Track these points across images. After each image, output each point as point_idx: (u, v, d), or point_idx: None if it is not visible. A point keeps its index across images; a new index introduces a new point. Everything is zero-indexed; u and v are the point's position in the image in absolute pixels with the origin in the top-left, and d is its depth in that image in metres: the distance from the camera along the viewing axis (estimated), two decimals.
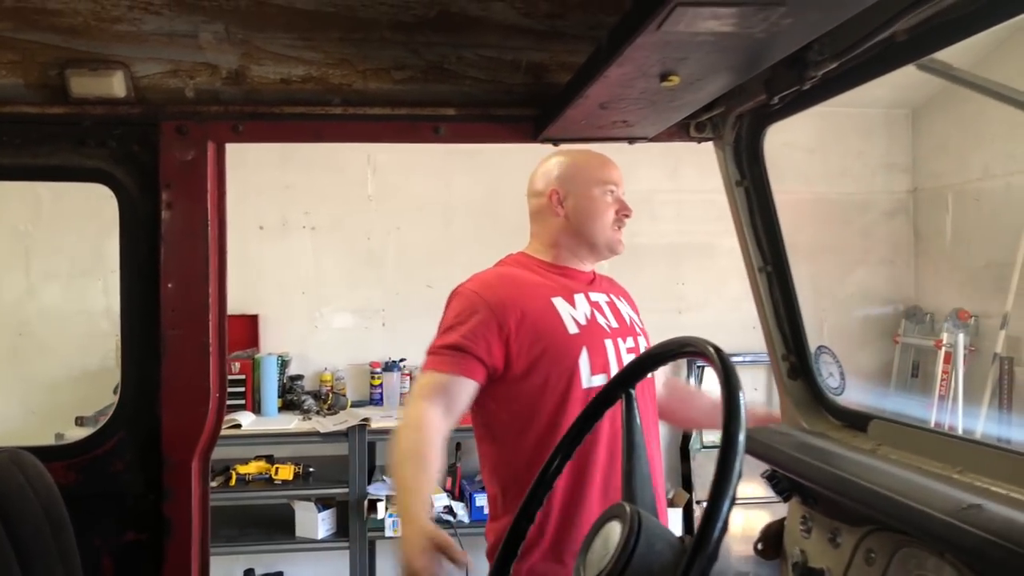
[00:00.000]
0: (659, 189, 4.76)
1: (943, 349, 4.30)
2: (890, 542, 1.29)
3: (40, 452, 1.62)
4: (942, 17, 1.13)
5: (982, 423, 4.02)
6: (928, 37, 1.17)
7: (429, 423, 1.68)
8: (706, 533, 0.94)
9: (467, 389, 1.73)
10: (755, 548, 1.66)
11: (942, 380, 4.29)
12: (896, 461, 1.35)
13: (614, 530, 1.15)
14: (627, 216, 1.93)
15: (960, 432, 3.95)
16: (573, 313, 1.81)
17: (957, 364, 4.21)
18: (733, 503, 0.97)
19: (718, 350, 1.14)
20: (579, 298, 1.86)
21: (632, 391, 1.38)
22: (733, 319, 3.90)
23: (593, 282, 1.96)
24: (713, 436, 4.72)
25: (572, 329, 1.79)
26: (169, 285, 1.69)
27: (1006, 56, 3.78)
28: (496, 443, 1.84)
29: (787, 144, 4.74)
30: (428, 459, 1.64)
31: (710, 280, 4.68)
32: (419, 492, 1.64)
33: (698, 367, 4.73)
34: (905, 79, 4.40)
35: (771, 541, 1.64)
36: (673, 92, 1.33)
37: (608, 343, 1.82)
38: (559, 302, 1.82)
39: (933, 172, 4.76)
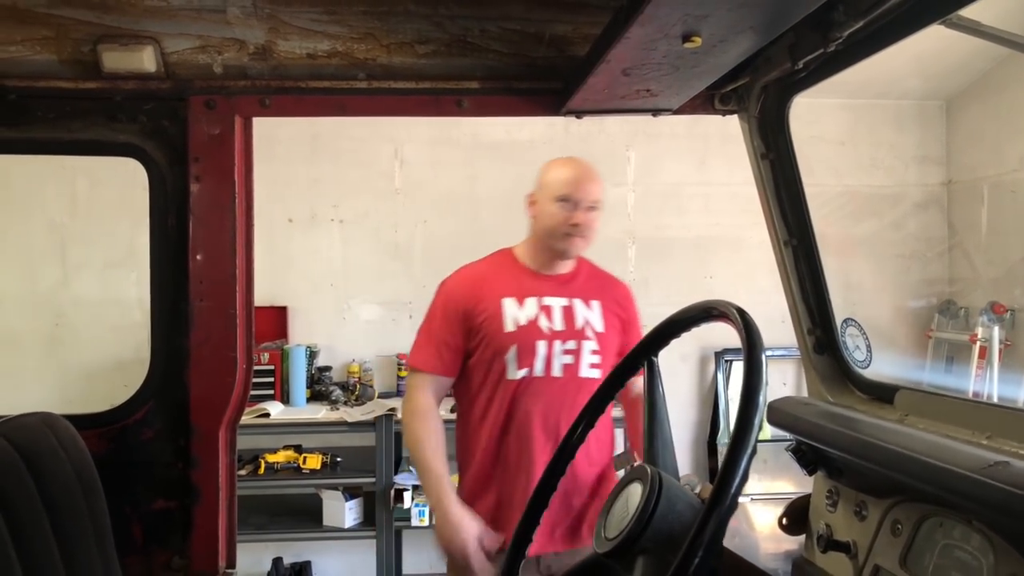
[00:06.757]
0: (686, 182, 4.74)
1: (978, 344, 4.22)
2: (916, 513, 1.27)
3: (73, 420, 1.65)
4: None
5: None
6: None
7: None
8: (725, 483, 0.94)
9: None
10: (780, 523, 1.64)
11: (977, 375, 4.21)
12: (923, 429, 1.32)
13: (635, 492, 1.14)
14: (576, 225, 2.08)
15: None
16: (516, 314, 2.09)
17: (992, 359, 4.14)
18: (752, 457, 0.97)
19: (741, 311, 1.14)
20: (530, 301, 2.12)
21: (655, 358, 1.38)
22: (762, 313, 3.82)
23: (563, 284, 2.18)
24: None
25: (508, 328, 2.08)
26: (198, 257, 1.71)
27: None
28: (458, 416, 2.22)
29: (816, 137, 4.69)
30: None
31: (738, 273, 4.64)
32: (442, 476, 2.02)
33: (726, 362, 4.70)
34: (939, 69, 4.34)
35: (796, 516, 1.63)
36: (696, 56, 1.32)
37: (541, 344, 2.08)
38: (507, 302, 2.10)
39: (968, 164, 4.68)
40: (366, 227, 4.62)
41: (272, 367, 4.28)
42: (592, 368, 2.10)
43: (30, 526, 1.35)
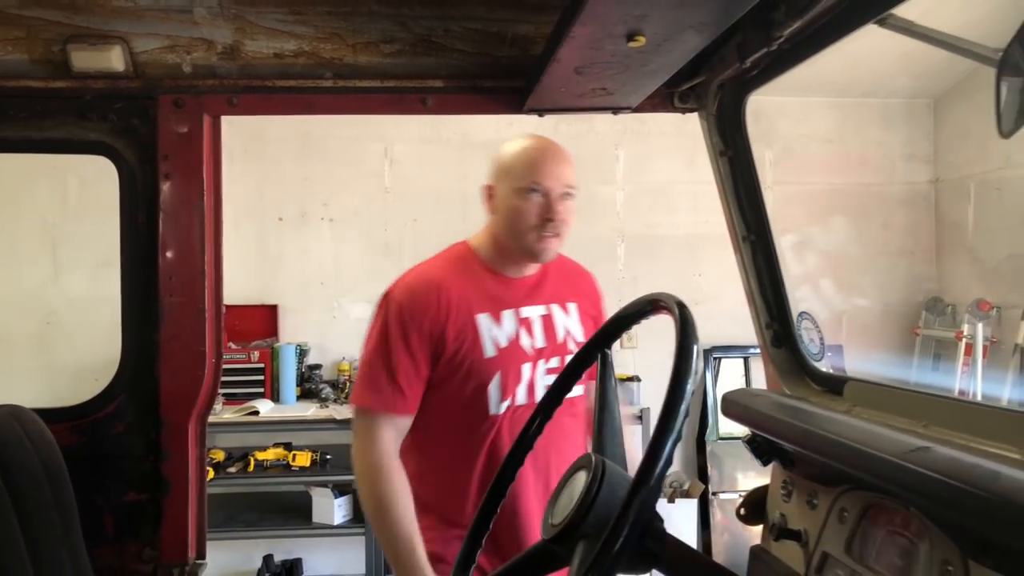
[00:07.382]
0: (676, 180, 4.77)
1: (963, 341, 4.24)
2: (861, 501, 1.30)
3: (44, 414, 1.69)
4: None
5: None
6: None
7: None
8: (650, 466, 0.97)
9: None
10: (737, 513, 1.67)
11: (963, 372, 4.23)
12: (867, 419, 1.35)
13: (579, 479, 1.18)
14: (550, 220, 1.68)
15: None
16: (495, 334, 1.73)
17: (977, 356, 4.15)
18: (677, 441, 1.00)
19: (680, 304, 1.17)
20: (507, 315, 1.76)
21: (608, 351, 1.41)
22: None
23: (535, 289, 1.83)
24: (730, 428, 4.70)
25: (489, 352, 1.72)
26: (167, 253, 1.75)
27: None
28: (416, 449, 1.79)
29: (805, 135, 4.71)
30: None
31: (727, 271, 4.64)
32: (416, 542, 1.64)
33: (715, 359, 4.73)
34: (926, 68, 4.36)
35: (753, 507, 1.66)
36: (644, 55, 1.35)
37: (526, 367, 1.75)
38: (483, 320, 1.74)
39: (955, 162, 4.70)
40: (356, 226, 4.66)
41: (262, 365, 4.31)
42: (577, 386, 1.53)
43: None
